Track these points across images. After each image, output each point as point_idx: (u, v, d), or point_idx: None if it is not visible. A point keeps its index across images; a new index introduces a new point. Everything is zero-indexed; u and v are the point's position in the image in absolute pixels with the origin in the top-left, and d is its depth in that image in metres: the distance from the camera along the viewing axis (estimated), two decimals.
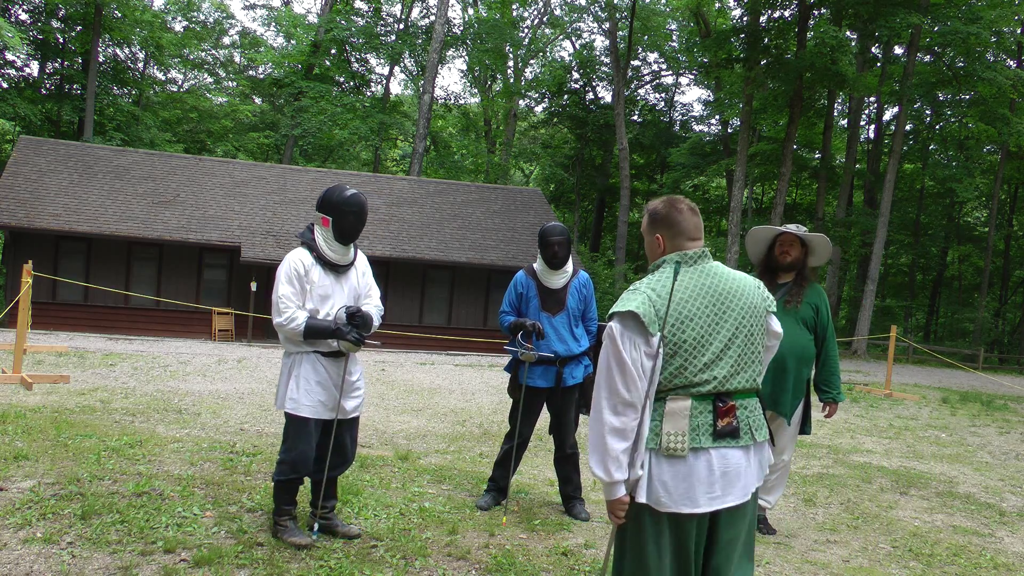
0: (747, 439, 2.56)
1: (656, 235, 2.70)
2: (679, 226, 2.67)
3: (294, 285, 3.99)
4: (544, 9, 40.35)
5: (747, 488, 2.58)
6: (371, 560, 3.92)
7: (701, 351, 2.51)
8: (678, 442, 2.48)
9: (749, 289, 2.65)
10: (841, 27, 26.60)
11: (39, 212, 18.72)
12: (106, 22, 28.98)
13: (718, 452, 2.51)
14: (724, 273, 2.65)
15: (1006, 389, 18.42)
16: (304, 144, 32.86)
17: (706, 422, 2.51)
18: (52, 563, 3.56)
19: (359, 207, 4.04)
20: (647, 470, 2.51)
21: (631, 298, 2.54)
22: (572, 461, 5.06)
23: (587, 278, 5.17)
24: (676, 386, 2.52)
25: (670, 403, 2.51)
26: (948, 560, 4.85)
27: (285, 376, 4.10)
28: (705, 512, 2.52)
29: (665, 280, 2.57)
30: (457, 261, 21.05)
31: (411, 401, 10.10)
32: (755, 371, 2.63)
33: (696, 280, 2.59)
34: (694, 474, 2.48)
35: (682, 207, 2.69)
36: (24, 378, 8.94)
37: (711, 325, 2.54)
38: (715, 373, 2.52)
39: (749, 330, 2.61)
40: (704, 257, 2.67)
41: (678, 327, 2.51)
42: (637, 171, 41.01)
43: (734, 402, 2.55)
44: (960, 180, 30.34)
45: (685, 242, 2.67)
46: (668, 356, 2.50)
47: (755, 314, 2.64)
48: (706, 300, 2.57)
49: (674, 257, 2.64)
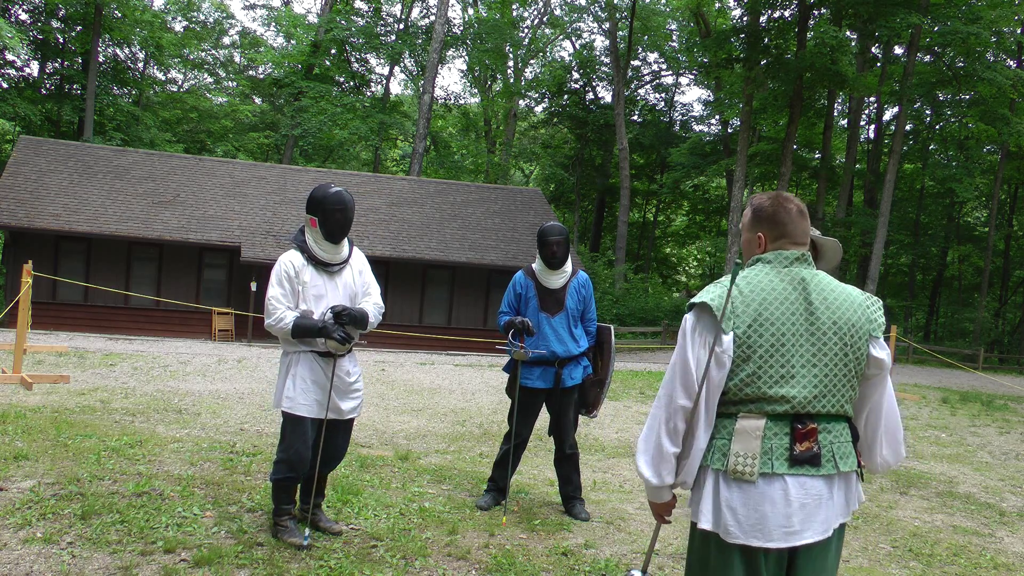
0: (829, 467, 2.27)
1: (758, 232, 2.46)
2: (785, 227, 2.43)
3: (284, 286, 4.02)
4: (544, 9, 40.36)
5: (829, 523, 2.29)
6: (371, 560, 3.92)
7: (778, 361, 2.27)
8: (747, 465, 2.24)
9: (853, 306, 2.36)
10: (841, 27, 26.60)
11: (39, 212, 18.71)
12: (106, 22, 28.97)
13: (795, 480, 2.24)
14: (824, 283, 2.38)
15: (1006, 389, 18.42)
16: (304, 144, 32.86)
17: (781, 445, 2.25)
18: (52, 563, 3.56)
19: (343, 204, 4.03)
20: (712, 494, 2.30)
21: (710, 289, 2.36)
22: (572, 461, 5.06)
23: (586, 278, 5.16)
24: (747, 397, 2.29)
25: (741, 421, 2.28)
26: (948, 560, 4.85)
27: (282, 375, 4.12)
28: (781, 548, 2.26)
29: (753, 277, 2.36)
30: (457, 261, 21.05)
31: (411, 401, 10.10)
32: (845, 396, 2.33)
33: (789, 283, 2.35)
34: (767, 502, 2.23)
35: (791, 207, 2.45)
36: (24, 378, 8.93)
37: (795, 335, 2.29)
38: (793, 392, 2.26)
39: (842, 350, 2.32)
40: (804, 262, 2.41)
41: (755, 329, 2.28)
42: (637, 171, 41.00)
43: (815, 425, 2.28)
44: (960, 180, 30.33)
45: (788, 244, 2.43)
46: (740, 360, 2.28)
47: (853, 333, 2.33)
48: (794, 307, 2.32)
49: (770, 256, 2.41)
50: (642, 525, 4.95)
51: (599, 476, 6.36)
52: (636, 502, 5.59)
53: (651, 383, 14.00)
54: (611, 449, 7.70)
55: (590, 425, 8.73)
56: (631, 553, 4.37)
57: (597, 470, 6.59)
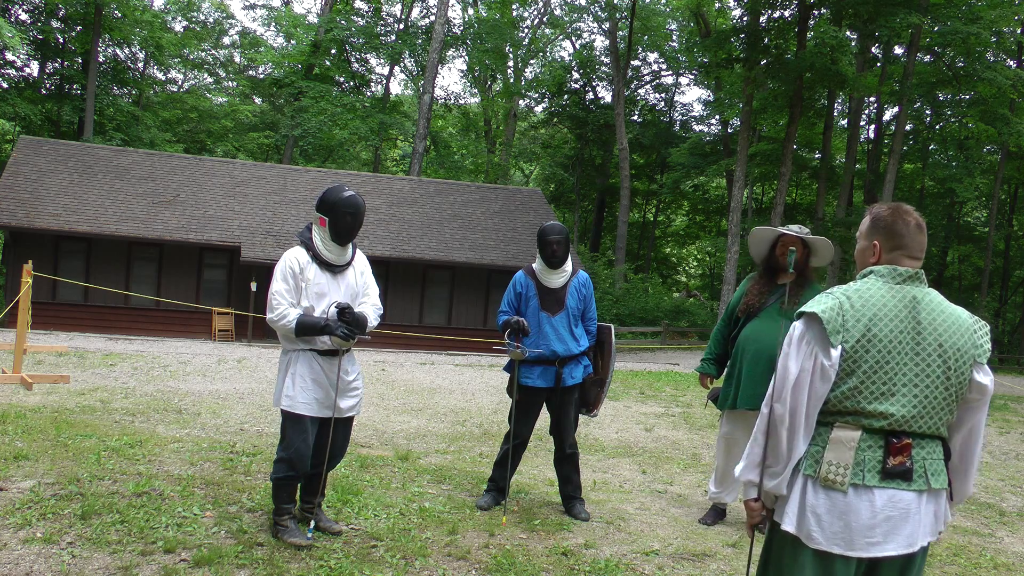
0: (920, 483, 2.28)
1: (874, 241, 2.45)
2: (902, 239, 2.41)
3: (288, 282, 4.03)
4: (544, 9, 40.36)
5: (914, 538, 2.29)
6: (371, 560, 3.92)
7: (880, 378, 2.28)
8: (839, 474, 2.26)
9: (960, 328, 2.35)
10: (841, 27, 26.59)
11: (39, 212, 18.71)
12: (106, 22, 28.96)
13: (884, 493, 2.25)
14: (935, 303, 2.36)
15: (1006, 389, 18.42)
16: (304, 144, 32.84)
17: (875, 457, 2.27)
18: (52, 563, 3.56)
19: (356, 208, 4.07)
20: (799, 497, 2.31)
21: (822, 300, 2.35)
22: (572, 461, 5.06)
23: (586, 278, 5.17)
24: (845, 410, 2.30)
25: (837, 430, 2.30)
26: (948, 560, 4.85)
27: (282, 374, 4.13)
28: (860, 558, 2.27)
29: (865, 291, 2.34)
30: (457, 261, 21.05)
31: (411, 401, 10.10)
32: (943, 419, 2.33)
33: (900, 301, 2.33)
34: (852, 513, 2.25)
35: (910, 220, 2.42)
36: (24, 378, 8.93)
37: (901, 354, 2.29)
38: (892, 409, 2.27)
39: (945, 372, 2.31)
40: (918, 279, 2.38)
41: (863, 345, 2.28)
42: (637, 171, 40.99)
43: (910, 440, 2.28)
44: (960, 180, 30.30)
45: (902, 258, 2.41)
46: (844, 374, 2.29)
47: (958, 357, 2.33)
48: (903, 325, 2.30)
49: (883, 270, 2.39)
50: (642, 525, 4.95)
51: (599, 476, 6.36)
52: (636, 502, 5.59)
53: (651, 383, 14.00)
54: (611, 449, 7.70)
55: (590, 425, 8.73)
56: (631, 553, 4.37)
57: (597, 470, 6.59)
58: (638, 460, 7.27)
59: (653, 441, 8.35)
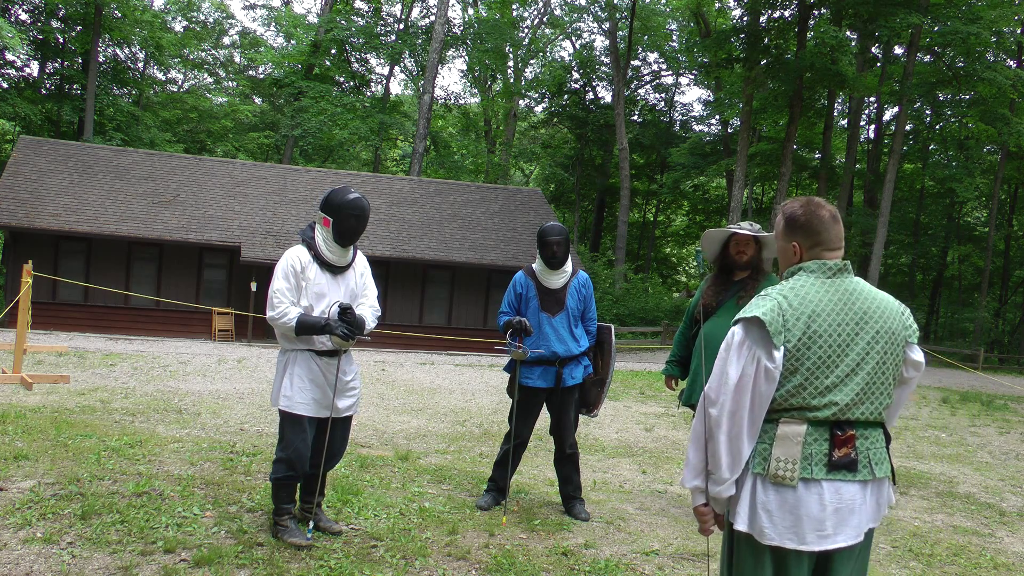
0: (865, 473, 2.33)
1: (792, 242, 2.46)
2: (820, 235, 2.43)
3: (289, 281, 4.03)
4: (544, 9, 40.36)
5: (860, 527, 2.35)
6: (371, 560, 3.92)
7: (825, 372, 2.30)
8: (788, 470, 2.28)
9: (890, 312, 2.41)
10: (841, 27, 26.61)
11: (39, 212, 18.72)
12: (106, 22, 28.97)
13: (831, 485, 2.29)
14: (865, 291, 2.42)
15: (1006, 389, 18.42)
16: (304, 144, 32.86)
17: (821, 451, 2.30)
18: (52, 563, 3.56)
19: (361, 211, 4.06)
20: (750, 496, 2.33)
21: (759, 303, 2.35)
22: (572, 461, 5.06)
23: (586, 278, 5.17)
24: (791, 407, 2.32)
25: (782, 426, 2.31)
26: (948, 560, 4.85)
27: (280, 374, 4.13)
28: (812, 551, 2.30)
29: (800, 289, 2.36)
30: (457, 261, 21.05)
31: (411, 401, 10.10)
32: (882, 402, 2.39)
33: (833, 295, 2.36)
34: (802, 507, 2.28)
35: (824, 213, 2.44)
36: (24, 378, 8.93)
37: (841, 346, 2.32)
38: (836, 399, 2.30)
39: (882, 357, 2.37)
40: (845, 271, 2.43)
41: (805, 343, 2.30)
42: (637, 171, 41.00)
43: (854, 431, 2.32)
44: (960, 180, 30.32)
45: (824, 252, 2.43)
46: (788, 373, 2.30)
47: (892, 340, 2.39)
48: (840, 318, 2.34)
49: (812, 266, 2.42)
50: (642, 525, 4.95)
51: (599, 476, 6.36)
52: (636, 502, 5.59)
53: (651, 383, 14.00)
54: (611, 449, 7.70)
55: (590, 425, 8.73)
56: (631, 553, 4.37)
57: (597, 470, 6.59)
58: (638, 460, 7.27)
59: (653, 441, 8.35)
